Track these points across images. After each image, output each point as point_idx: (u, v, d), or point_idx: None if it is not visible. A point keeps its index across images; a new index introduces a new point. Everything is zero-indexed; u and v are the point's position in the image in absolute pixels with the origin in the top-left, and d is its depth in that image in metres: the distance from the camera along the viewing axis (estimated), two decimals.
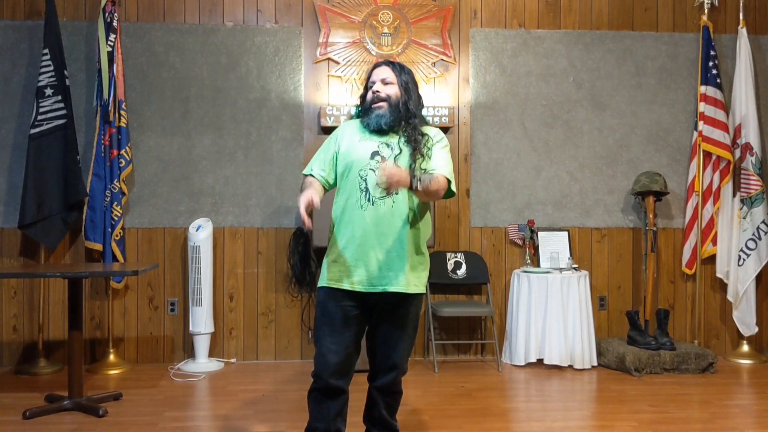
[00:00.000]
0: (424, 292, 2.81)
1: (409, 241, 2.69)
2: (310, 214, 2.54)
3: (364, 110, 2.81)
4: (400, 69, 2.82)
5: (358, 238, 2.67)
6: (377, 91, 2.77)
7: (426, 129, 2.80)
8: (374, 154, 2.71)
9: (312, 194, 2.54)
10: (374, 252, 2.66)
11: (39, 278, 4.74)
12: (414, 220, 2.72)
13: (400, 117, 2.74)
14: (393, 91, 2.77)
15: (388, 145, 2.72)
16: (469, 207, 5.16)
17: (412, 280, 2.71)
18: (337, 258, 2.72)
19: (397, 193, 2.62)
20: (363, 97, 2.85)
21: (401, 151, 2.70)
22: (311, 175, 2.82)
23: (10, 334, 4.85)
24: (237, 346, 5.02)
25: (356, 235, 2.67)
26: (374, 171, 2.67)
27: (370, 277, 2.67)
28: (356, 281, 2.67)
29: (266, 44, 5.05)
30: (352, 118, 2.93)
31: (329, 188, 2.85)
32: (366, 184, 2.68)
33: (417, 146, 2.69)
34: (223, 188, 5.01)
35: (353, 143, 2.76)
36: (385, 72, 2.80)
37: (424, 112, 4.99)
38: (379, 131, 2.74)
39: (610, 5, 5.29)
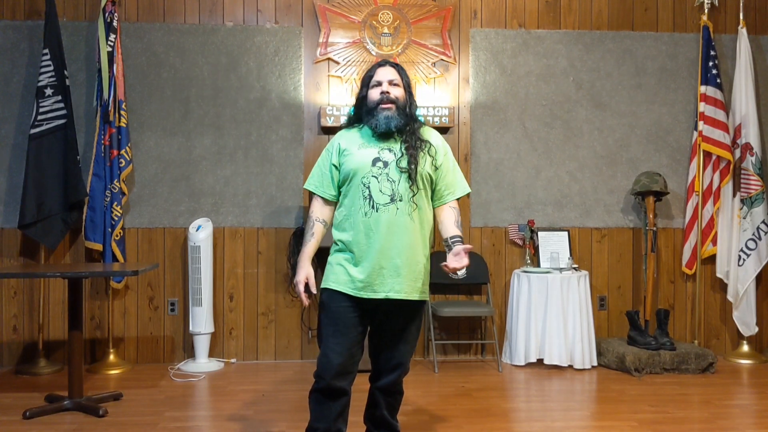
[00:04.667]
0: (428, 298, 2.80)
1: (413, 248, 2.68)
2: (306, 288, 2.71)
3: (367, 110, 2.75)
4: (402, 71, 2.81)
5: (362, 245, 2.66)
6: (387, 92, 2.73)
7: (425, 132, 2.79)
8: (375, 160, 2.68)
9: (308, 273, 2.69)
10: (378, 259, 2.64)
11: (39, 278, 4.74)
12: (418, 226, 2.70)
13: (406, 121, 2.73)
14: (400, 93, 2.76)
15: (390, 150, 2.70)
16: (469, 207, 5.16)
17: (417, 287, 2.72)
18: (341, 262, 2.72)
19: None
20: (363, 97, 2.79)
21: (402, 155, 2.69)
22: (317, 194, 2.80)
23: (10, 334, 4.85)
24: (237, 346, 5.02)
25: (360, 242, 2.66)
26: (377, 178, 2.65)
27: (373, 283, 2.66)
28: (360, 287, 2.66)
29: (266, 44, 5.05)
30: (348, 119, 2.88)
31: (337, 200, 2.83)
32: (369, 191, 2.66)
33: (416, 154, 2.68)
34: (223, 188, 5.00)
35: (351, 152, 2.72)
36: (392, 73, 2.77)
37: (423, 112, 5.03)
38: (384, 134, 2.71)
39: (610, 5, 5.29)
